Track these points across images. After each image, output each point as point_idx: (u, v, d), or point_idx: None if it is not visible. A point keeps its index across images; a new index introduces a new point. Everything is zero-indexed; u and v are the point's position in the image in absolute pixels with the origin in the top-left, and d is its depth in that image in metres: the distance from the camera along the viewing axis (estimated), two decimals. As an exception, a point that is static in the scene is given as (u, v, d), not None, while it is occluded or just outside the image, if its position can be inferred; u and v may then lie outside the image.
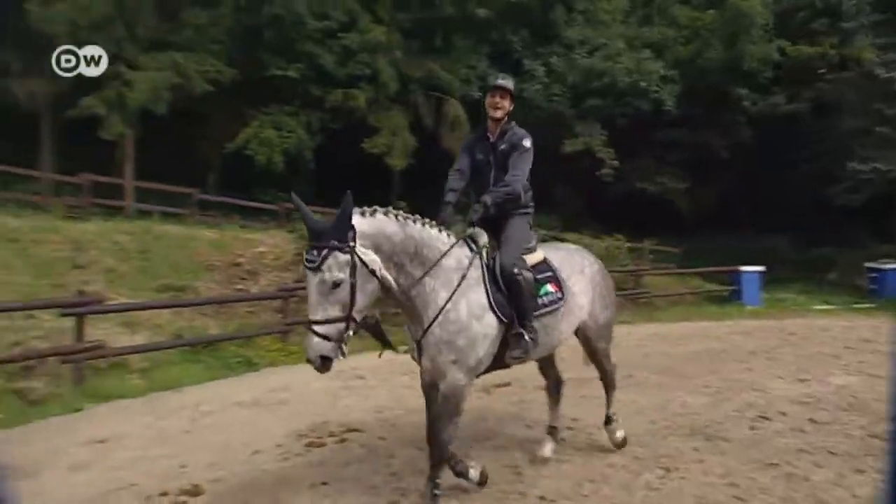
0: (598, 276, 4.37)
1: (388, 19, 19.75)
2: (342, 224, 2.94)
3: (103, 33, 16.13)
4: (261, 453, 4.52)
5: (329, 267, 2.87)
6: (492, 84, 3.89)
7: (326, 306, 2.90)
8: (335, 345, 2.91)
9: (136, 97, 15.36)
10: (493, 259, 3.58)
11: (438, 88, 19.98)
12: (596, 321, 4.30)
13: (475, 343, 3.37)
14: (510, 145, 3.79)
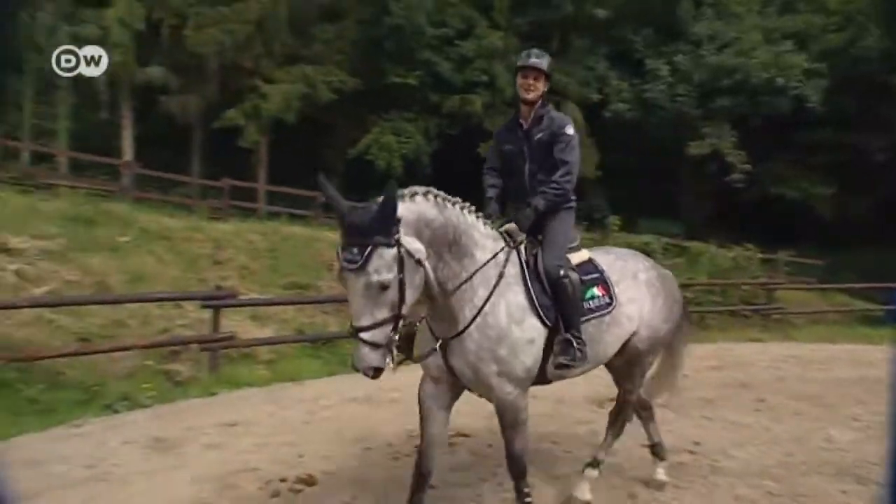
0: (655, 282, 3.75)
1: (505, 24, 19.79)
2: (386, 216, 2.52)
3: (245, 52, 17.76)
4: (372, 450, 4.64)
5: (377, 268, 2.47)
6: (521, 63, 3.33)
7: (374, 309, 2.51)
8: (384, 351, 2.54)
9: (270, 108, 16.65)
10: (533, 255, 3.19)
11: (555, 91, 19.64)
12: (652, 332, 3.67)
13: (517, 351, 2.97)
14: (549, 133, 3.29)
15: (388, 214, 2.52)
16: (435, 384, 3.19)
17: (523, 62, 3.32)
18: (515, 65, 3.37)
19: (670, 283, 3.92)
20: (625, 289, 3.52)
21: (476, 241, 2.95)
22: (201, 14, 17.76)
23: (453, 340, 2.96)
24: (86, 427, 4.98)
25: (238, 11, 17.82)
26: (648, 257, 4.10)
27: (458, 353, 2.98)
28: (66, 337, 6.28)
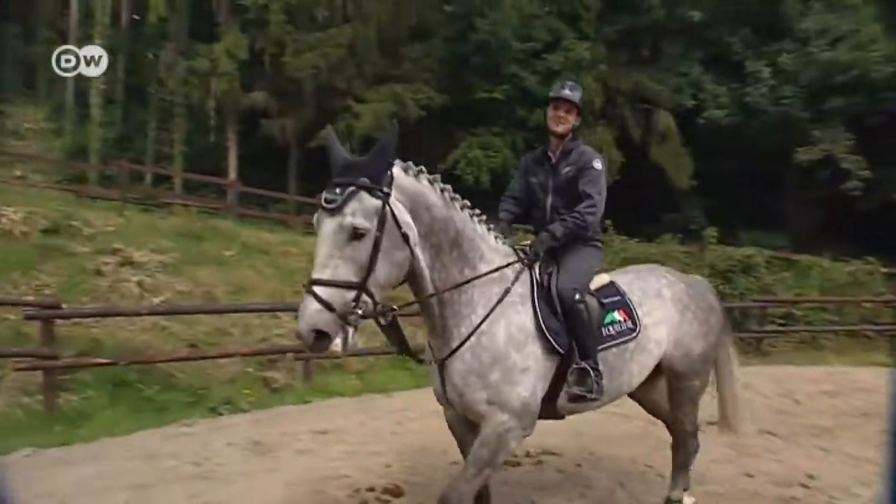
0: (683, 296, 3.38)
1: (593, 34, 19.44)
2: (380, 160, 2.28)
3: (338, 74, 18.63)
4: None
5: (353, 211, 2.18)
6: (553, 95, 3.13)
7: (338, 263, 2.17)
8: (336, 320, 2.14)
9: (362, 126, 17.29)
10: (547, 275, 2.92)
11: (646, 100, 19.00)
12: (686, 353, 3.31)
13: (512, 378, 2.63)
14: (576, 168, 3.09)
15: (381, 157, 2.29)
16: (452, 409, 2.90)
17: (556, 93, 3.13)
18: (549, 95, 3.18)
19: (701, 292, 3.53)
20: (649, 310, 3.18)
21: (482, 253, 2.70)
22: (298, 41, 18.86)
23: (447, 361, 2.68)
24: (194, 427, 5.34)
25: (331, 36, 18.76)
26: (671, 269, 3.75)
27: (448, 377, 2.70)
28: (177, 343, 6.80)
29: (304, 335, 2.15)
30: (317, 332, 2.14)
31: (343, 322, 2.17)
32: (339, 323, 2.16)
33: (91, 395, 5.65)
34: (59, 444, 4.76)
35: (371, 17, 18.99)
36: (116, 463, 4.34)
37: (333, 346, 2.18)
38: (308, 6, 19.61)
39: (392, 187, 2.30)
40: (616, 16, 19.70)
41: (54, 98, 23.64)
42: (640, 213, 17.37)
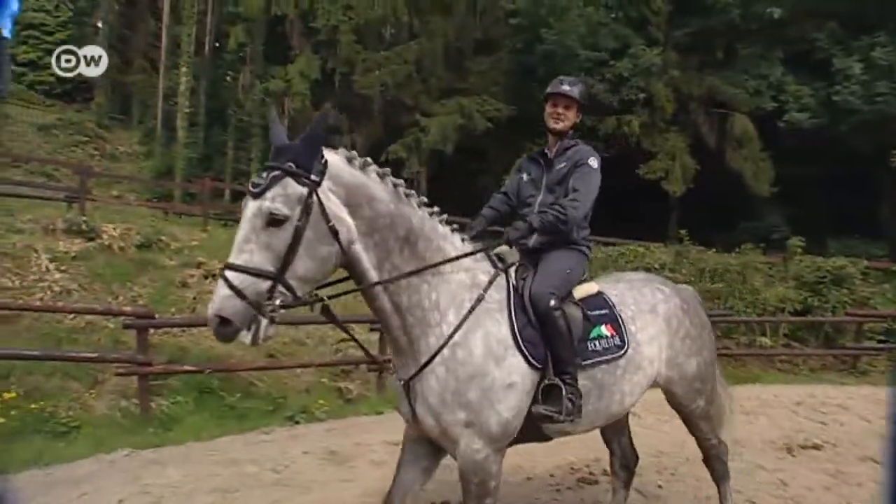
0: (677, 312, 3.12)
1: (663, 39, 18.90)
2: (310, 147, 2.12)
3: (405, 89, 19.04)
4: (532, 480, 4.54)
5: (274, 195, 2.03)
6: (551, 91, 2.95)
7: (253, 248, 2.03)
8: (247, 309, 1.99)
9: (429, 140, 17.56)
10: (523, 280, 2.67)
11: (722, 104, 18.22)
12: (681, 373, 3.07)
13: (494, 397, 2.37)
14: (572, 164, 2.87)
15: (311, 143, 2.13)
16: (415, 433, 2.66)
17: (553, 89, 2.94)
18: (546, 92, 2.98)
19: (694, 308, 3.29)
20: (643, 325, 2.93)
21: (445, 254, 2.45)
22: (367, 59, 19.45)
23: (414, 382, 2.42)
24: (273, 434, 5.52)
25: (398, 53, 19.23)
26: (665, 280, 3.50)
27: (419, 395, 2.42)
28: (256, 353, 7.08)
29: (209, 319, 2.03)
30: (220, 318, 1.99)
31: (256, 312, 2.00)
32: (249, 312, 2.00)
33: (179, 401, 5.97)
34: (153, 445, 5.05)
35: (437, 33, 19.34)
36: (202, 467, 4.55)
37: (241, 337, 2.03)
38: (376, 25, 20.21)
39: (325, 176, 2.12)
40: (686, 19, 19.05)
41: (146, 123, 25.45)
42: (716, 222, 16.62)
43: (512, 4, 19.76)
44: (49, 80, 31.44)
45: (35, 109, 27.19)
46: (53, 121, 23.81)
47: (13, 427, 5.05)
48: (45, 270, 7.30)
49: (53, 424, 5.24)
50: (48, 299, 6.74)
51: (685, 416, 3.28)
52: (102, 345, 6.50)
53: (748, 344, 9.84)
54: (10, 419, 5.09)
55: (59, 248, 7.72)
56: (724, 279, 10.99)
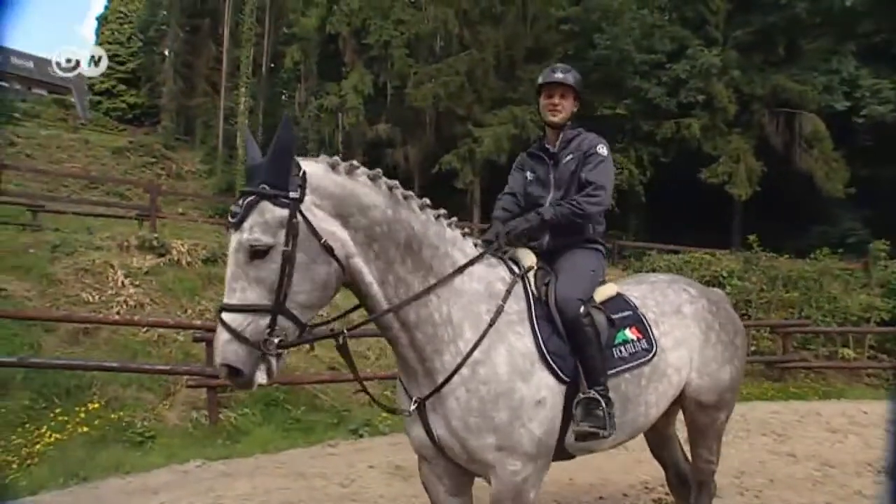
0: (706, 315, 2.84)
1: (722, 39, 18.26)
2: (280, 162, 1.89)
3: (457, 100, 19.11)
4: (605, 499, 4.36)
5: (251, 225, 1.84)
6: (543, 81, 2.72)
7: (244, 285, 1.85)
8: (251, 352, 1.83)
9: (482, 150, 17.52)
10: (544, 286, 2.43)
11: (789, 103, 17.38)
12: (714, 382, 2.78)
13: (525, 415, 2.17)
14: (581, 154, 2.64)
15: (281, 158, 1.89)
16: (430, 464, 2.39)
17: (546, 79, 2.71)
18: (538, 83, 2.75)
19: (725, 310, 3.01)
20: (668, 329, 2.67)
21: (455, 260, 2.24)
22: (419, 72, 19.66)
23: (431, 400, 2.19)
24: (338, 447, 5.54)
25: (450, 65, 19.34)
26: (692, 281, 3.19)
27: (440, 419, 2.20)
28: (320, 366, 7.16)
29: (218, 370, 1.87)
30: (228, 368, 1.84)
31: (260, 351, 1.85)
32: (254, 354, 1.84)
33: (247, 413, 6.09)
34: (222, 457, 5.16)
35: (487, 43, 19.35)
36: (271, 479, 4.59)
37: (257, 380, 1.87)
38: (427, 39, 20.44)
39: (306, 191, 1.92)
40: (747, 16, 18.35)
41: (208, 143, 26.59)
42: (785, 227, 15.80)
43: (563, 11, 19.58)
44: (122, 107, 33.51)
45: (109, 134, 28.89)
46: (125, 144, 25.18)
47: (96, 436, 5.26)
48: (121, 285, 7.63)
49: (131, 434, 5.44)
50: (124, 313, 7.04)
51: (700, 430, 2.92)
52: (173, 357, 6.72)
53: (829, 356, 9.24)
54: (93, 428, 5.31)
55: (132, 263, 8.07)
56: (799, 287, 10.40)
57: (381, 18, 20.37)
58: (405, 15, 20.63)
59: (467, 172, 18.10)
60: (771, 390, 8.48)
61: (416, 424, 2.27)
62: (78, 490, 4.40)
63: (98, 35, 34.84)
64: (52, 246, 8.13)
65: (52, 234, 8.91)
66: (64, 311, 6.55)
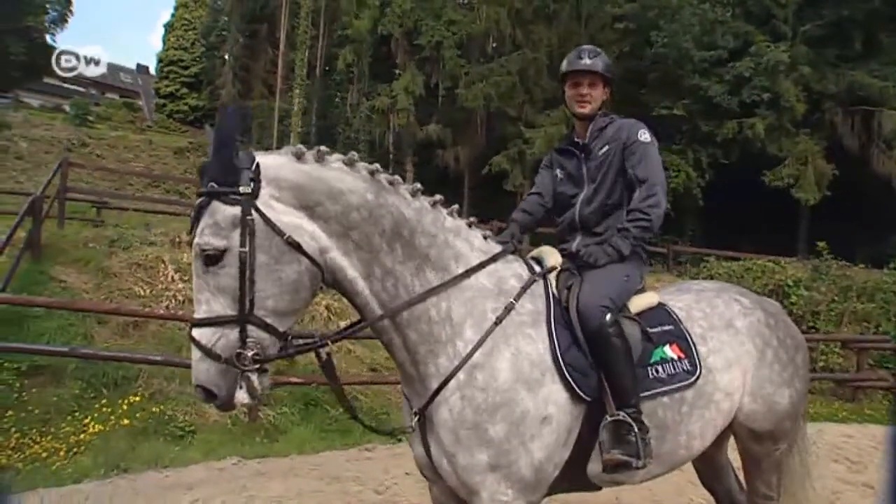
0: (762, 329, 2.45)
1: (790, 33, 17.24)
2: (223, 154, 1.72)
3: (509, 101, 18.84)
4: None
5: (202, 228, 1.69)
6: (568, 69, 2.39)
7: (208, 297, 1.69)
8: (225, 371, 1.66)
9: (533, 151, 17.18)
10: (566, 289, 2.14)
11: (865, 101, 16.22)
12: (768, 406, 2.39)
13: (525, 432, 1.88)
14: (618, 144, 2.33)
15: (224, 151, 1.72)
16: (437, 486, 2.14)
17: (571, 66, 2.39)
18: (561, 71, 2.45)
19: (784, 322, 2.60)
20: (717, 346, 2.32)
21: (458, 251, 1.99)
22: (470, 73, 19.50)
23: (427, 413, 1.95)
24: (375, 452, 5.41)
25: (502, 65, 19.10)
26: (745, 290, 2.73)
27: (432, 435, 1.95)
28: (360, 366, 7.07)
29: (196, 392, 1.72)
30: (203, 390, 1.69)
31: (238, 367, 1.66)
32: (228, 372, 1.67)
33: (285, 412, 6.05)
34: (259, 455, 5.11)
35: (540, 43, 19.00)
36: (306, 482, 4.49)
37: (239, 400, 1.69)
38: (479, 39, 20.26)
39: (260, 184, 1.72)
40: (818, 9, 17.26)
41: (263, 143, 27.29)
42: (859, 234, 14.75)
43: (619, 8, 19.00)
44: (184, 109, 34.92)
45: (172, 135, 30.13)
46: (186, 144, 26.18)
47: (138, 428, 5.32)
48: (171, 280, 7.78)
49: (172, 428, 5.48)
50: (172, 307, 7.16)
51: (755, 462, 2.55)
52: (218, 353, 6.77)
53: (909, 375, 8.48)
54: (135, 420, 5.38)
55: (183, 259, 8.23)
56: (876, 300, 9.61)
57: (432, 19, 20.34)
58: (457, 15, 20.52)
59: (517, 174, 17.79)
60: (842, 411, 7.83)
61: (417, 440, 2.04)
62: (118, 481, 4.43)
63: (164, 42, 36.43)
64: (111, 241, 8.37)
65: (112, 230, 9.20)
66: (115, 303, 6.71)
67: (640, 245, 2.34)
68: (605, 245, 2.25)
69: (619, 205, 2.36)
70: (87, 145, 24.38)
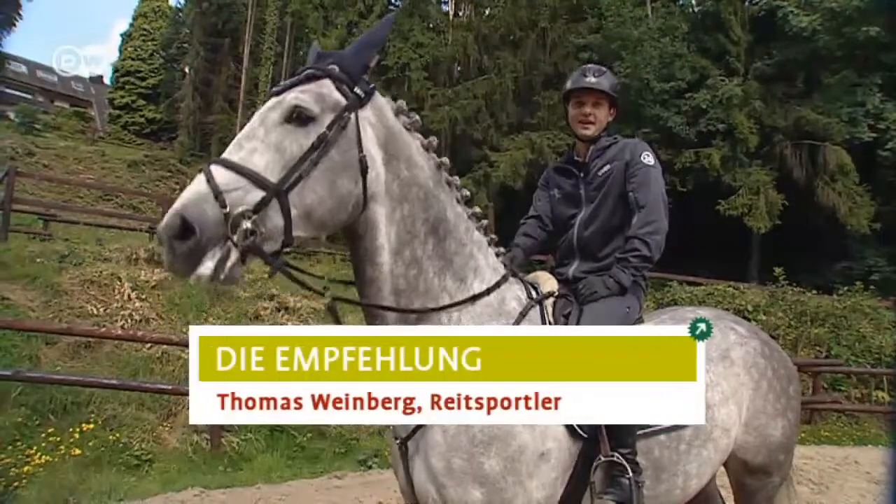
0: (758, 359, 2.40)
1: (743, 69, 18.10)
2: (363, 52, 1.69)
3: (475, 124, 19.03)
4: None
5: (304, 90, 1.59)
6: (573, 86, 2.30)
7: (256, 146, 1.52)
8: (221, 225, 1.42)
9: (498, 175, 17.35)
10: (563, 318, 2.06)
11: (812, 135, 17.08)
12: (762, 438, 2.34)
13: (523, 469, 1.76)
14: (620, 164, 2.24)
15: (364, 48, 1.69)
16: None
17: (576, 83, 2.29)
18: (564, 89, 2.36)
19: (777, 350, 2.57)
20: (715, 379, 2.22)
21: (478, 266, 1.93)
22: (437, 95, 19.63)
23: (414, 440, 1.82)
24: (345, 479, 5.20)
25: (468, 88, 19.31)
26: (738, 318, 2.67)
27: (419, 455, 1.82)
28: (328, 389, 6.84)
29: (164, 225, 1.41)
30: (183, 222, 1.39)
31: (229, 230, 1.41)
32: (222, 229, 1.41)
33: (250, 438, 5.77)
34: (223, 486, 4.83)
35: (506, 69, 19.33)
36: (275, 513, 4.26)
37: (200, 268, 1.41)
38: (446, 62, 20.47)
39: (369, 102, 1.68)
40: (768, 48, 18.21)
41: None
42: (806, 262, 15.40)
43: (582, 39, 19.56)
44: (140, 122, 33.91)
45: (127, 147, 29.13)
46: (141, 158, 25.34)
47: (90, 458, 4.96)
48: (127, 299, 7.39)
49: (127, 457, 5.14)
50: (129, 327, 6.79)
51: (748, 496, 2.47)
52: (177, 376, 6.42)
53: (861, 398, 8.79)
54: (86, 449, 5.01)
55: (140, 276, 7.85)
56: (827, 324, 9.98)
57: (400, 41, 20.44)
58: (425, 38, 20.70)
59: (482, 197, 17.90)
60: (801, 433, 8.00)
61: (401, 465, 1.91)
62: (66, 518, 4.10)
63: (121, 51, 35.44)
64: (61, 256, 7.93)
65: (62, 244, 8.72)
66: (66, 323, 6.30)
67: (642, 274, 2.23)
68: (605, 277, 2.14)
69: (621, 228, 2.26)
70: (34, 154, 23.29)
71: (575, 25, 19.95)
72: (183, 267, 1.42)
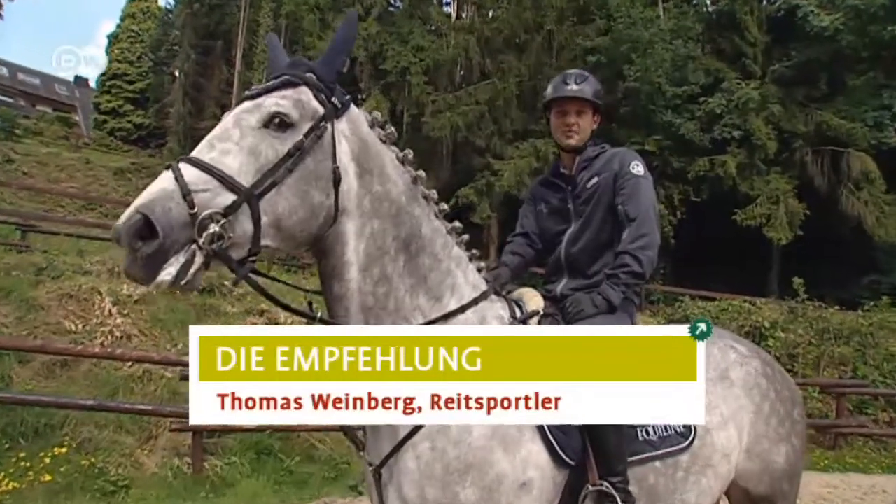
0: (760, 380, 2.39)
1: (760, 72, 18.17)
2: (336, 56, 1.72)
3: (477, 131, 19.10)
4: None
5: (283, 95, 1.62)
6: (554, 95, 2.29)
7: (230, 148, 1.52)
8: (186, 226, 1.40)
9: (502, 184, 17.37)
10: None
11: (834, 141, 17.09)
12: (764, 465, 2.33)
13: (500, 499, 1.74)
14: (608, 175, 2.23)
15: (336, 54, 1.72)
16: None
17: (557, 92, 2.27)
18: (545, 98, 2.36)
19: (780, 374, 2.55)
20: (714, 401, 2.19)
21: (455, 283, 1.91)
22: (437, 100, 19.73)
23: (389, 462, 1.80)
24: (334, 507, 5.15)
25: (470, 93, 19.41)
26: (738, 337, 2.69)
27: (392, 486, 1.80)
28: (318, 410, 6.80)
29: (122, 223, 1.35)
30: (145, 220, 1.36)
31: (194, 233, 1.40)
32: (187, 232, 1.40)
33: (234, 462, 5.72)
34: (204, 514, 4.79)
35: (510, 73, 19.43)
36: (258, 544, 4.22)
37: (162, 273, 1.38)
38: (447, 66, 20.59)
39: (345, 112, 1.72)
40: (787, 49, 18.28)
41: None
42: (830, 275, 15.33)
43: (590, 41, 19.67)
44: (128, 127, 34.19)
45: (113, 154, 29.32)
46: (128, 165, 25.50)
47: (61, 485, 4.92)
48: (108, 314, 7.38)
49: (102, 482, 5.10)
50: (108, 344, 6.77)
51: None
52: (158, 396, 6.39)
53: (889, 422, 8.69)
54: (58, 475, 4.98)
55: (122, 290, 7.85)
56: (851, 343, 9.90)
57: (399, 44, 20.60)
58: (425, 42, 20.85)
59: (485, 207, 17.93)
60: (824, 459, 7.95)
61: (373, 492, 1.90)
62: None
63: (108, 53, 35.80)
64: (38, 269, 7.94)
65: (40, 256, 8.73)
66: (41, 340, 6.29)
67: (633, 290, 2.21)
68: (593, 294, 2.12)
69: (610, 243, 2.25)
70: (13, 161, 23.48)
71: (582, 27, 20.05)
72: (142, 273, 1.39)
